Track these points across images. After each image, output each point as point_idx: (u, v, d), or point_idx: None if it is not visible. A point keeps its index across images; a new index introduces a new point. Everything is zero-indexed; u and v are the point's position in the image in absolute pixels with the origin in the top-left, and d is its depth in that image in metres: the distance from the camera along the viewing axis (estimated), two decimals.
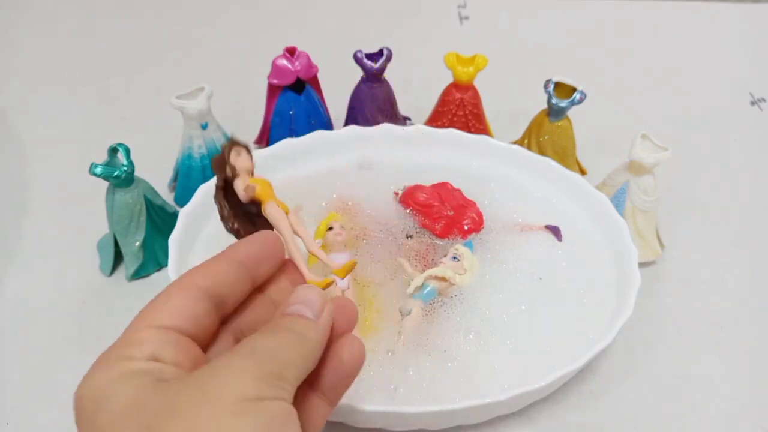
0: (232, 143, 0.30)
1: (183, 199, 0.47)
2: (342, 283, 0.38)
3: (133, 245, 0.44)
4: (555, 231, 0.43)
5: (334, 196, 0.46)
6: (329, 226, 0.41)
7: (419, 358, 0.36)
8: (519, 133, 0.53)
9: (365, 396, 0.34)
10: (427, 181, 0.47)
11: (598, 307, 0.39)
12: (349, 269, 0.31)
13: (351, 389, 0.27)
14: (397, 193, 0.46)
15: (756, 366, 0.41)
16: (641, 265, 0.40)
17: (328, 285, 0.29)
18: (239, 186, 0.30)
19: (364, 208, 0.45)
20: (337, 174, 0.48)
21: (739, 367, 0.41)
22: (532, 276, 0.41)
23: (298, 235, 0.30)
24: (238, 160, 0.30)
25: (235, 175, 0.30)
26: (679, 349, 0.42)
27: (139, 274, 0.45)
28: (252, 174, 0.31)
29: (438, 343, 0.37)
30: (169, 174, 0.51)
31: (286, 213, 0.30)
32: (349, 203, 0.45)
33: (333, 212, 0.44)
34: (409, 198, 0.45)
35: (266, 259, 0.27)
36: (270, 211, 0.30)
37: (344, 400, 0.32)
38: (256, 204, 0.30)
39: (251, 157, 0.31)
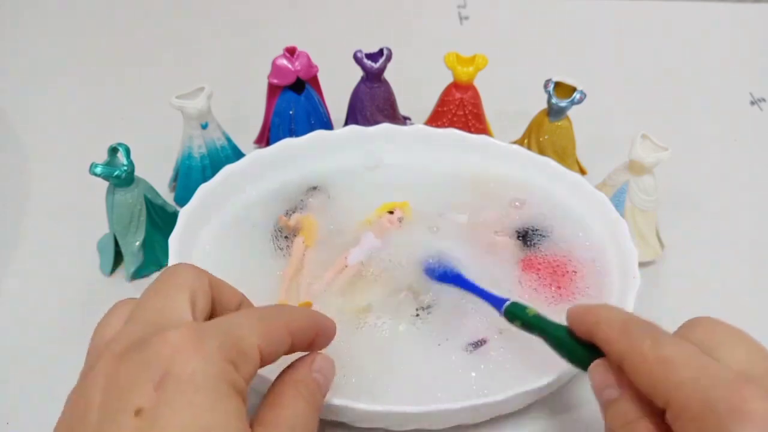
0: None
1: (183, 199, 0.47)
2: (352, 260, 0.41)
3: (133, 245, 0.44)
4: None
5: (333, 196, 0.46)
6: (392, 210, 0.44)
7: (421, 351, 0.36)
8: (519, 133, 0.53)
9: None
10: (426, 180, 0.47)
11: None
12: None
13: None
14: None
15: None
16: (641, 265, 0.40)
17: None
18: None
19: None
20: (336, 174, 0.48)
21: None
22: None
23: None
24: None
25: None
26: None
27: (139, 274, 0.45)
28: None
29: (440, 341, 0.37)
30: (169, 174, 0.51)
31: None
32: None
33: (406, 202, 0.45)
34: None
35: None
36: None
37: (343, 400, 0.33)
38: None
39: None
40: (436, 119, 0.53)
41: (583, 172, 0.53)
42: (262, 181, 0.47)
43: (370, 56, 0.50)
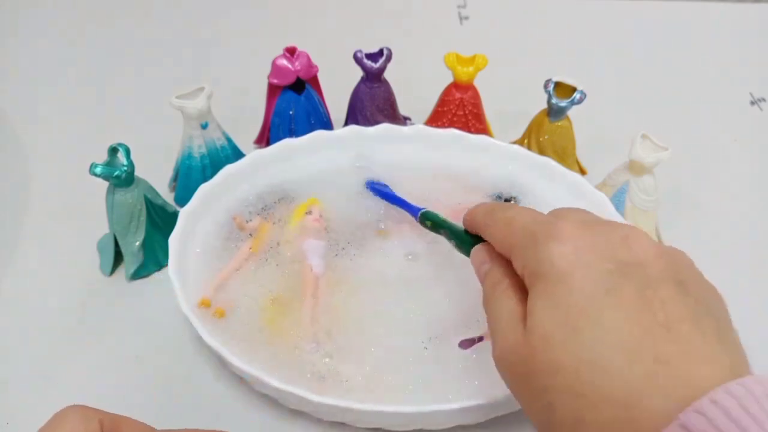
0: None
1: (183, 199, 0.47)
2: (318, 269, 0.41)
3: (133, 245, 0.44)
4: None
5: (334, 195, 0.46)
6: (308, 210, 0.44)
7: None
8: (519, 133, 0.53)
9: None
10: (427, 180, 0.47)
11: None
12: None
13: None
14: None
15: (756, 366, 0.41)
16: None
17: None
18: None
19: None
20: (336, 174, 0.48)
21: None
22: None
23: None
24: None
25: None
26: None
27: (139, 274, 0.45)
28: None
29: (439, 341, 0.37)
30: (169, 174, 0.51)
31: None
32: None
33: (313, 197, 0.45)
34: None
35: None
36: None
37: (343, 400, 0.33)
38: None
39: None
40: (436, 119, 0.53)
41: (583, 172, 0.53)
42: (261, 181, 0.47)
43: (370, 56, 0.50)
